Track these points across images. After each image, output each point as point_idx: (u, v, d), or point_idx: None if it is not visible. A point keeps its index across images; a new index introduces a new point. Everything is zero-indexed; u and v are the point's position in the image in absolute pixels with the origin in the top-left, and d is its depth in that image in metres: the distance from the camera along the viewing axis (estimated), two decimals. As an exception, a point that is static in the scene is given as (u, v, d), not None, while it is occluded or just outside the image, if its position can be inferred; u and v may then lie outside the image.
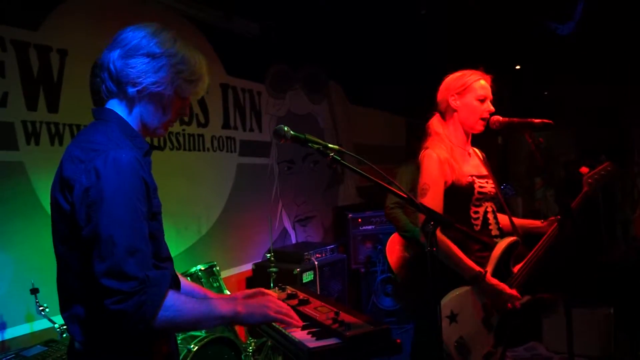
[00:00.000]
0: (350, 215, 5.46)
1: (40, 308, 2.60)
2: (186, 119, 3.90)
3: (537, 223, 2.60)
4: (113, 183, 1.32)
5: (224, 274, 4.04)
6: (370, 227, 5.46)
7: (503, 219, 2.56)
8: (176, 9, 3.87)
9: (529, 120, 2.29)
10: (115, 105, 1.51)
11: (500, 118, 2.40)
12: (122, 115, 1.51)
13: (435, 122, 2.52)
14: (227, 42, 4.25)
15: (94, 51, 3.17)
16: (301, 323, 1.67)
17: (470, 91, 2.42)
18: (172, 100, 1.54)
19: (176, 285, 1.64)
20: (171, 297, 1.36)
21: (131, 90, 1.48)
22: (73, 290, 1.43)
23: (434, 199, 2.31)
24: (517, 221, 2.61)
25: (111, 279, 1.27)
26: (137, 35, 1.49)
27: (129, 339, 1.35)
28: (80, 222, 1.34)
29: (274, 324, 1.69)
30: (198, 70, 1.56)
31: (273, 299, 1.70)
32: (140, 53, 1.47)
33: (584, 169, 2.52)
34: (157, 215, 1.51)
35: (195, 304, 1.43)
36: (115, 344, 1.39)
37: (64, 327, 2.58)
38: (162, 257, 1.53)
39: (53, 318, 2.62)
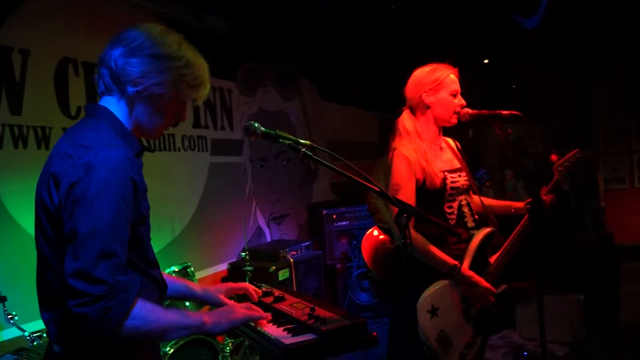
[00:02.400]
0: (324, 212, 5.46)
1: (9, 316, 2.52)
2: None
3: (511, 205, 2.64)
4: (100, 181, 1.29)
5: (199, 274, 4.00)
6: (344, 223, 5.47)
7: (478, 207, 2.58)
8: (144, 7, 3.79)
9: (498, 112, 2.34)
10: (111, 103, 1.49)
11: (470, 110, 2.43)
12: (116, 113, 1.48)
13: (405, 119, 2.53)
14: (197, 40, 4.13)
15: (58, 51, 3.17)
16: (266, 316, 1.67)
17: (443, 86, 2.44)
18: (172, 103, 1.52)
19: (162, 291, 1.62)
20: (138, 305, 1.32)
21: (131, 89, 1.45)
22: (53, 292, 1.39)
23: (405, 198, 2.28)
24: (492, 203, 2.66)
25: (79, 280, 1.24)
26: (141, 35, 1.47)
27: (97, 344, 1.31)
28: (64, 219, 1.31)
29: (251, 323, 1.68)
30: (201, 75, 1.55)
31: (237, 306, 1.68)
32: (144, 53, 1.45)
33: (554, 157, 2.59)
34: (146, 219, 1.48)
35: (161, 313, 1.39)
36: (93, 349, 1.36)
37: (34, 334, 2.52)
38: (150, 262, 1.51)
39: (22, 326, 2.55)
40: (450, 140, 2.65)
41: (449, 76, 2.45)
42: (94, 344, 1.28)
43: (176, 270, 3.40)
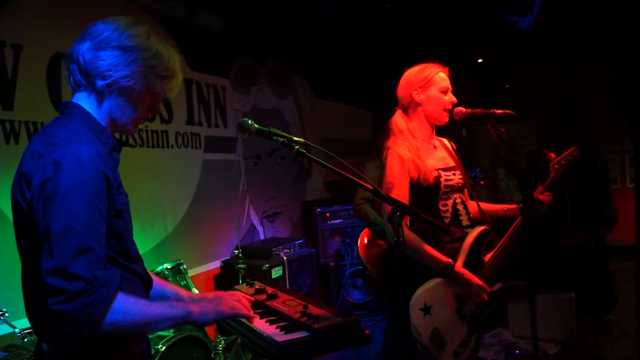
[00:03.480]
0: (318, 210, 5.47)
1: (0, 313, 2.51)
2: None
3: (504, 207, 2.65)
4: (70, 178, 1.27)
5: (192, 272, 3.99)
6: (338, 221, 5.48)
7: (473, 206, 2.60)
8: (138, 2, 3.78)
9: (491, 111, 2.37)
10: (83, 99, 1.47)
11: (464, 109, 2.45)
12: (88, 109, 1.46)
13: (398, 119, 2.54)
14: (191, 36, 4.17)
15: (50, 46, 3.15)
16: (253, 315, 1.67)
17: (432, 84, 2.46)
18: (143, 95, 1.50)
19: (147, 285, 1.60)
20: (119, 298, 1.30)
21: (100, 83, 1.43)
22: (35, 290, 1.37)
23: (398, 196, 2.31)
24: (486, 207, 2.65)
25: (57, 278, 1.22)
26: (108, 28, 1.45)
27: (79, 342, 1.28)
28: (37, 218, 1.29)
29: (243, 320, 1.68)
30: (171, 66, 1.53)
31: (227, 296, 1.68)
32: (111, 46, 1.43)
33: (551, 155, 2.57)
34: (123, 214, 1.45)
35: (144, 305, 1.37)
36: (79, 346, 1.33)
37: (25, 331, 2.51)
38: (131, 257, 1.49)
39: (13, 322, 2.53)
40: (445, 140, 2.66)
41: (438, 74, 2.48)
42: (76, 341, 1.26)
43: (169, 267, 3.38)
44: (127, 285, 1.38)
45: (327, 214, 5.48)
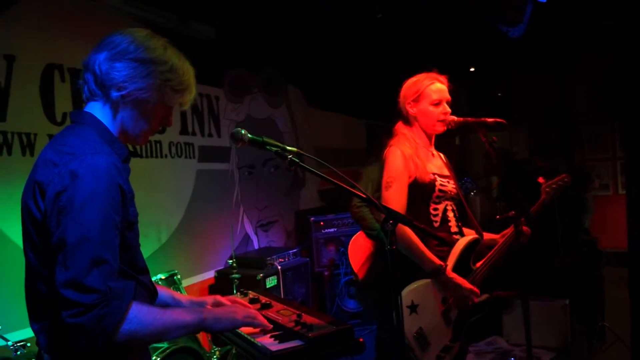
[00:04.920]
0: (312, 219, 5.46)
1: (-8, 325, 2.49)
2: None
3: (496, 237, 2.65)
4: (87, 188, 1.27)
5: (186, 282, 3.97)
6: (332, 229, 5.47)
7: (469, 231, 2.63)
8: (130, 13, 3.79)
9: (483, 119, 2.40)
10: (96, 109, 1.47)
11: (455, 118, 2.49)
12: (101, 119, 1.47)
13: (400, 125, 2.61)
14: (183, 46, 4.13)
15: (43, 57, 3.15)
16: (270, 326, 1.65)
17: (424, 97, 2.51)
18: (157, 108, 1.50)
19: (152, 297, 1.60)
20: (134, 309, 1.31)
21: (115, 94, 1.44)
22: (43, 301, 1.37)
23: (398, 192, 2.39)
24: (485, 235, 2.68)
25: (72, 290, 1.22)
26: (125, 40, 1.45)
27: (92, 353, 1.28)
28: (51, 228, 1.29)
29: (237, 330, 1.67)
30: (186, 80, 1.53)
31: (240, 306, 1.69)
32: (128, 57, 1.43)
33: (541, 179, 2.70)
34: (134, 225, 1.46)
35: (158, 314, 1.38)
36: (85, 357, 1.33)
37: (18, 344, 2.49)
38: (139, 268, 1.49)
39: (6, 335, 2.51)
40: (440, 153, 2.71)
41: (431, 85, 2.51)
42: (90, 353, 1.27)
43: (163, 278, 3.37)
44: (135, 296, 1.39)
45: (322, 223, 5.47)
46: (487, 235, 2.67)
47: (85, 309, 1.22)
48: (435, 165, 2.57)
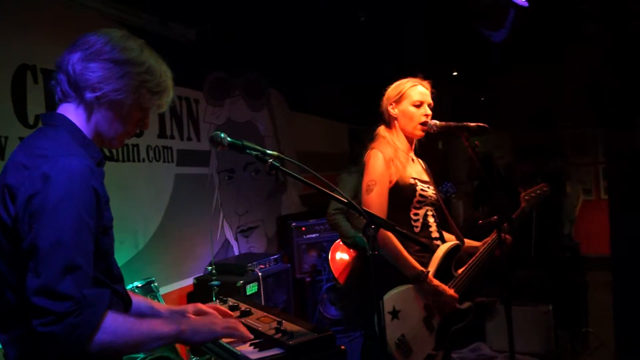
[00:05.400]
0: (293, 224, 5.40)
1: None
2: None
3: (477, 244, 2.68)
4: (60, 191, 1.23)
5: (164, 289, 3.88)
6: (314, 235, 5.42)
7: (449, 237, 2.65)
8: (108, 13, 3.70)
9: (465, 123, 2.42)
10: (69, 111, 1.43)
11: (438, 122, 2.51)
12: (75, 121, 1.42)
13: (382, 129, 2.62)
14: (163, 48, 4.06)
15: (16, 58, 3.04)
16: (252, 337, 1.62)
17: (405, 97, 2.53)
18: (133, 110, 1.47)
19: (127, 306, 1.55)
20: (109, 318, 1.26)
21: (89, 95, 1.40)
22: (13, 310, 1.31)
23: (379, 197, 2.38)
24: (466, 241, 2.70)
25: (43, 297, 1.17)
26: (101, 40, 1.42)
27: None
28: (22, 233, 1.23)
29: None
30: (164, 82, 1.51)
31: (220, 316, 1.66)
32: (102, 58, 1.40)
33: (520, 189, 2.75)
34: (109, 230, 1.42)
35: (134, 324, 1.33)
36: None
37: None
38: (114, 276, 1.45)
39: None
40: (419, 159, 2.73)
41: (414, 88, 2.54)
42: None
43: (139, 285, 3.31)
44: (109, 305, 1.34)
45: (303, 228, 5.42)
46: (468, 242, 2.67)
47: (58, 317, 1.17)
48: (415, 171, 2.58)
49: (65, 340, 1.18)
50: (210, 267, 3.76)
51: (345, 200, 1.69)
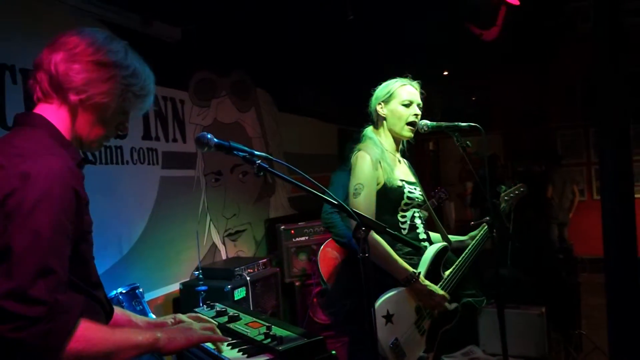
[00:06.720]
0: (282, 227, 5.32)
1: None
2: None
3: (463, 238, 2.73)
4: (38, 192, 1.18)
5: (149, 295, 3.80)
6: (303, 238, 5.34)
7: (435, 236, 2.69)
8: (88, 11, 3.61)
9: (456, 124, 2.44)
10: (49, 112, 1.38)
11: (428, 122, 2.52)
12: (54, 122, 1.37)
13: (368, 130, 2.63)
14: (147, 47, 3.97)
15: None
16: (228, 339, 1.61)
17: (394, 97, 2.54)
18: (115, 113, 1.44)
19: (108, 315, 1.51)
20: (82, 325, 1.21)
21: (74, 97, 1.36)
22: None
23: (367, 199, 2.37)
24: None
25: (13, 301, 1.12)
26: (85, 40, 1.38)
27: None
28: None
29: (205, 346, 1.62)
30: (147, 85, 1.49)
31: (195, 323, 1.61)
32: (87, 60, 1.36)
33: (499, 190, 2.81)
34: (88, 235, 1.37)
35: (108, 333, 1.29)
36: None
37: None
38: (92, 282, 1.40)
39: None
40: (405, 161, 2.73)
41: (403, 87, 2.55)
42: None
43: (123, 291, 3.23)
44: (88, 313, 1.29)
45: (292, 231, 5.33)
46: (454, 237, 2.72)
47: (28, 322, 1.11)
48: (402, 172, 2.58)
49: (35, 348, 1.13)
50: (197, 272, 3.71)
51: (336, 202, 1.66)
